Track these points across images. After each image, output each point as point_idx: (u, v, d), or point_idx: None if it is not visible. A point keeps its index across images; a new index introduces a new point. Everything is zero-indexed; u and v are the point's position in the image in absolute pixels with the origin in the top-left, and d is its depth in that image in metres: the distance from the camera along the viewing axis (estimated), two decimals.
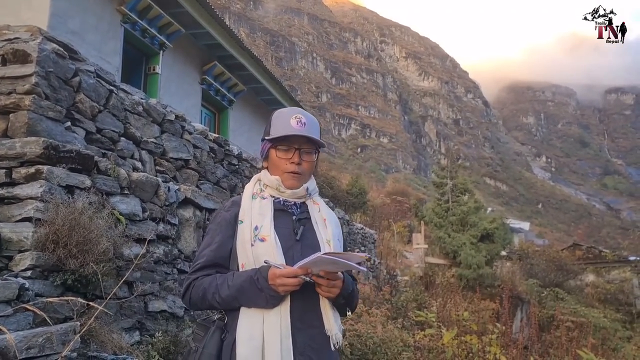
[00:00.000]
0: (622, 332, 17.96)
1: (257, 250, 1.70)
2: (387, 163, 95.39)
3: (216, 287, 1.70)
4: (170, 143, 5.67)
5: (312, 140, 1.83)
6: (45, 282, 3.30)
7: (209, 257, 1.78)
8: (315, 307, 1.74)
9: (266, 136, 1.87)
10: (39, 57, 3.84)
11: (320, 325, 1.72)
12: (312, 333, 1.70)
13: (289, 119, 1.82)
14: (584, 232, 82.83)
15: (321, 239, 1.80)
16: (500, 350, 4.06)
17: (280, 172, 1.83)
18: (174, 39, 10.58)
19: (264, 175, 1.88)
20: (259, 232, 1.72)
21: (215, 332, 1.72)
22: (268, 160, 1.88)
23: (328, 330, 1.73)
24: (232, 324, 1.70)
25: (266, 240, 1.71)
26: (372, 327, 5.87)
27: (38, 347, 2.77)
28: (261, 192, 1.84)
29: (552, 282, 22.56)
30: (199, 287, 1.74)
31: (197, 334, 1.78)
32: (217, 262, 1.78)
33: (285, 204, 1.84)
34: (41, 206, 3.36)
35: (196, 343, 1.75)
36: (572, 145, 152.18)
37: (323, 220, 1.86)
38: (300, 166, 1.82)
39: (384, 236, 20.35)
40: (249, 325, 1.65)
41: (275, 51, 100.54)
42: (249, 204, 1.80)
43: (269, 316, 1.65)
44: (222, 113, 13.32)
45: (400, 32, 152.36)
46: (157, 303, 4.43)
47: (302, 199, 1.88)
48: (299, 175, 1.83)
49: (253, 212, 1.77)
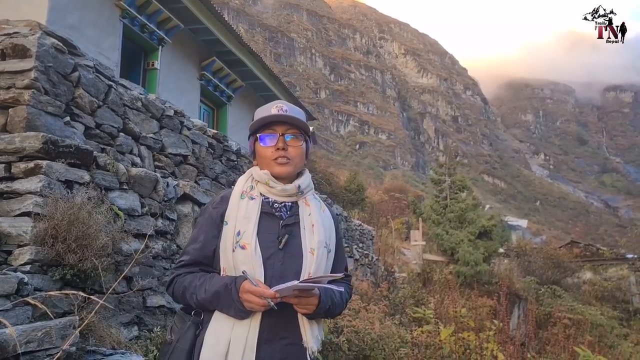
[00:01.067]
0: (619, 330, 18.02)
1: (237, 257, 1.66)
2: (385, 160, 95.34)
3: (194, 288, 1.68)
4: (169, 139, 5.67)
5: (297, 126, 1.79)
6: (44, 276, 3.31)
7: (192, 255, 1.77)
8: (291, 318, 1.70)
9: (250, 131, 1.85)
10: (38, 52, 3.84)
11: (293, 336, 1.69)
12: (280, 345, 1.66)
13: (270, 109, 1.81)
14: (582, 230, 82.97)
15: (305, 247, 1.73)
16: (497, 347, 4.08)
17: (268, 162, 1.77)
18: (173, 35, 10.56)
19: (254, 171, 1.83)
20: (241, 239, 1.68)
21: (191, 327, 1.70)
22: (256, 156, 1.85)
23: (305, 342, 1.69)
24: (207, 321, 1.69)
25: (246, 248, 1.66)
26: (370, 324, 5.88)
27: (37, 342, 2.78)
28: (251, 191, 1.78)
29: (549, 279, 22.63)
30: (180, 285, 1.73)
31: (175, 325, 1.77)
32: (200, 261, 1.77)
33: (274, 206, 1.77)
34: (40, 201, 3.36)
35: (172, 335, 1.75)
36: (570, 143, 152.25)
37: (311, 226, 1.78)
38: (286, 151, 1.76)
39: (382, 233, 20.37)
40: (217, 330, 1.64)
41: (274, 47, 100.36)
42: (236, 204, 1.75)
43: (238, 325, 1.63)
44: (221, 109, 13.32)
45: (399, 28, 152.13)
46: (155, 298, 4.44)
47: (292, 198, 1.81)
48: (287, 161, 1.76)
49: (239, 214, 1.72)
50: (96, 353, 3.36)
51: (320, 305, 1.66)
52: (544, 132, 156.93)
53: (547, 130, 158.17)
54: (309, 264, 1.71)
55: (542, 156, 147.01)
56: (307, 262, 1.70)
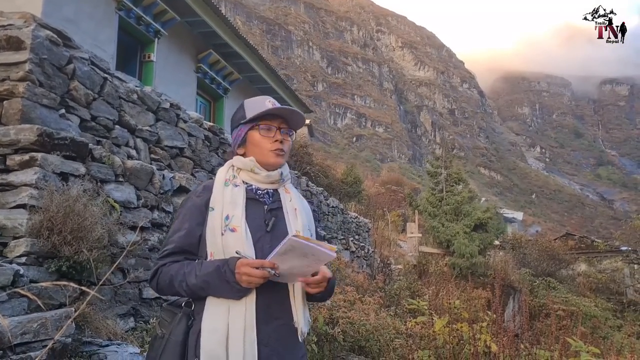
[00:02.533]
0: (612, 321, 18.14)
1: (227, 240, 1.68)
2: (382, 153, 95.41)
3: (183, 275, 1.67)
4: (165, 131, 5.67)
5: (288, 122, 1.88)
6: (39, 268, 3.33)
7: (177, 243, 1.75)
8: (284, 299, 1.74)
9: (242, 121, 1.88)
10: (32, 44, 3.83)
11: (286, 317, 1.73)
12: (276, 325, 1.70)
13: (264, 102, 1.87)
14: (577, 222, 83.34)
15: (290, 229, 1.79)
16: (490, 337, 4.12)
17: (264, 151, 1.83)
18: (169, 27, 10.52)
19: (237, 160, 1.87)
20: (230, 222, 1.70)
21: (182, 319, 1.70)
22: (245, 145, 1.88)
23: (296, 323, 1.74)
24: (199, 311, 1.69)
25: (237, 230, 1.69)
26: (365, 315, 5.92)
27: (33, 333, 2.80)
28: (234, 179, 1.82)
29: (544, 271, 22.74)
30: (167, 274, 1.70)
31: (164, 320, 1.75)
32: (186, 249, 1.76)
33: (257, 193, 1.83)
34: (35, 193, 3.37)
35: (162, 329, 1.73)
36: (566, 135, 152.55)
37: (294, 210, 1.86)
38: (282, 144, 1.84)
39: (379, 225, 20.43)
40: (213, 316, 1.64)
41: (271, 40, 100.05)
42: (221, 191, 1.78)
43: (234, 308, 1.64)
44: (218, 102, 13.29)
45: (397, 21, 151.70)
46: (151, 290, 4.46)
47: (274, 185, 1.87)
48: (283, 153, 1.84)
49: (225, 200, 1.75)
50: (92, 344, 3.38)
51: (330, 283, 1.74)
52: (540, 125, 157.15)
53: (543, 123, 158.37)
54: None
55: (538, 149, 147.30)
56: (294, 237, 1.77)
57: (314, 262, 1.65)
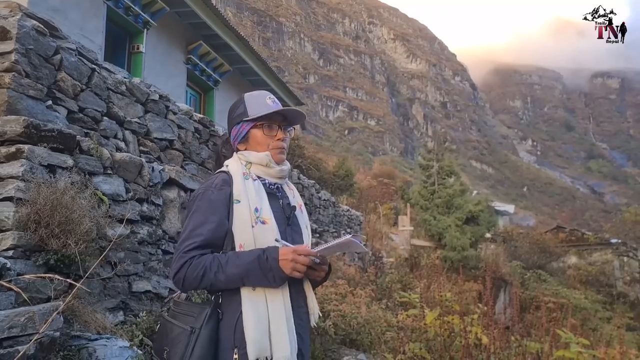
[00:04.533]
0: (602, 313, 18.35)
1: (258, 232, 1.73)
2: (374, 146, 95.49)
3: (219, 266, 1.67)
4: (155, 123, 5.61)
5: (287, 119, 1.95)
6: (27, 262, 3.28)
7: (206, 236, 1.73)
8: (302, 289, 1.85)
9: (244, 118, 1.92)
10: (18, 34, 3.77)
11: (304, 305, 1.84)
12: (300, 312, 1.79)
13: (265, 99, 1.94)
14: (568, 215, 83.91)
15: (301, 223, 1.92)
16: (481, 330, 4.13)
17: (266, 150, 1.89)
18: (158, 18, 10.41)
19: (249, 153, 1.90)
20: (260, 214, 1.76)
21: (212, 314, 1.70)
22: (247, 142, 1.93)
23: (311, 309, 1.86)
24: (229, 304, 1.71)
25: (267, 223, 1.76)
26: (357, 308, 5.93)
27: (20, 327, 2.77)
28: (249, 173, 1.86)
29: (535, 264, 22.93)
30: (197, 266, 1.67)
31: (187, 315, 1.74)
32: (214, 242, 1.75)
33: (270, 188, 1.89)
34: (22, 186, 3.32)
35: (189, 324, 1.71)
36: (557, 129, 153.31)
37: (299, 206, 1.97)
38: (284, 142, 1.92)
39: (370, 218, 20.45)
40: (254, 308, 1.67)
41: (263, 31, 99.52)
42: (243, 184, 1.80)
43: (273, 298, 1.70)
44: (208, 93, 13.20)
45: (389, 13, 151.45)
46: (141, 283, 4.43)
47: (282, 180, 1.95)
48: (284, 151, 1.93)
49: (250, 192, 1.79)
50: (81, 338, 3.35)
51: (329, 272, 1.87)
52: (532, 118, 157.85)
53: (534, 116, 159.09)
54: (307, 237, 1.92)
55: (530, 142, 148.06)
56: (305, 236, 1.91)
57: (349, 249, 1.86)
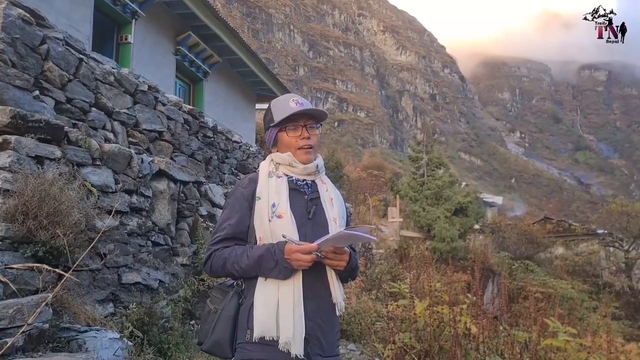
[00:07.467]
0: (588, 303, 18.57)
1: (274, 226, 1.90)
2: (363, 137, 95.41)
3: (235, 258, 1.89)
4: (143, 114, 5.58)
5: (313, 116, 2.05)
6: (15, 253, 3.26)
7: (228, 230, 1.97)
8: (323, 278, 1.95)
9: (271, 124, 2.06)
10: (4, 23, 3.71)
11: (326, 294, 1.94)
12: (319, 302, 1.91)
13: (288, 102, 2.04)
14: (555, 206, 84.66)
15: (329, 217, 2.00)
16: (470, 319, 4.16)
17: (293, 150, 2.01)
18: (146, 7, 10.29)
19: (275, 155, 2.06)
20: (276, 209, 1.91)
21: (234, 297, 1.94)
22: (277, 145, 2.08)
23: (334, 299, 1.95)
24: (248, 291, 1.92)
25: (283, 217, 1.90)
26: (347, 299, 5.95)
27: (9, 319, 2.75)
28: (276, 171, 2.01)
29: (522, 254, 23.11)
30: (220, 257, 1.93)
31: (216, 297, 2.01)
32: (236, 236, 1.97)
33: (297, 184, 2.02)
34: (9, 177, 3.29)
35: (215, 305, 1.98)
36: (545, 121, 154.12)
37: (330, 200, 2.06)
38: (310, 140, 2.02)
39: (360, 210, 20.49)
40: (265, 293, 1.86)
41: (252, 23, 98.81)
42: (266, 182, 1.98)
43: (283, 286, 1.85)
44: (197, 85, 13.11)
45: (378, 5, 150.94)
46: (131, 275, 4.41)
47: (311, 177, 2.06)
48: (311, 149, 2.03)
49: (270, 190, 1.95)
50: (70, 330, 3.34)
51: (350, 261, 1.94)
52: (520, 110, 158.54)
53: (522, 108, 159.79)
54: (334, 231, 1.96)
55: (518, 134, 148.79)
56: (332, 229, 1.97)
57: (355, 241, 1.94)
